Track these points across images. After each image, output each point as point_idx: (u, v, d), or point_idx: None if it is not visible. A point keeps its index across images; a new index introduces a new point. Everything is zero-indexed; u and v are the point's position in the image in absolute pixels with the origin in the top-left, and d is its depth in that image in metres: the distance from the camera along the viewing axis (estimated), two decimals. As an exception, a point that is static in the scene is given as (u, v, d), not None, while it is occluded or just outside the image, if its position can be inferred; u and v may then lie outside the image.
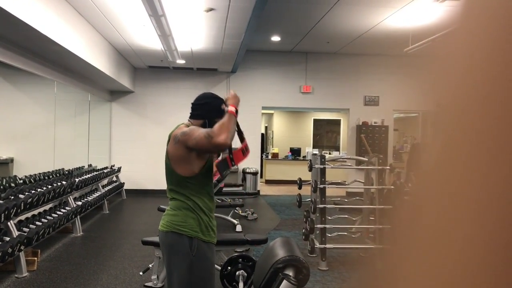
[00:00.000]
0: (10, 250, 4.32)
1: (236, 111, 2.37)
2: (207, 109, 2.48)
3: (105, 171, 9.40)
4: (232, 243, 4.64)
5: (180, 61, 9.64)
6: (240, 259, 2.91)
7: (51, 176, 7.12)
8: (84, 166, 9.38)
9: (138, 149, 11.37)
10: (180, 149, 2.32)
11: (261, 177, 14.39)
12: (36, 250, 5.29)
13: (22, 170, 8.93)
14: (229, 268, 2.91)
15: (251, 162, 11.51)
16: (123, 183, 10.67)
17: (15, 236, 4.56)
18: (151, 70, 11.44)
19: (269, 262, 2.41)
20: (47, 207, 6.03)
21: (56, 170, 7.85)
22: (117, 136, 11.50)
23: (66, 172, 7.87)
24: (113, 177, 10.35)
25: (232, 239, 4.68)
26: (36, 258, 5.07)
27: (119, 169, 10.67)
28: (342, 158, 7.50)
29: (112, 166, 10.57)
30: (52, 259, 5.40)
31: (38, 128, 10.24)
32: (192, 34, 7.66)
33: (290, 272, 2.32)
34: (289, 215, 8.88)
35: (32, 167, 8.47)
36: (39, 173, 7.18)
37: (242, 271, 2.86)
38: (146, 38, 8.00)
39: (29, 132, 10.24)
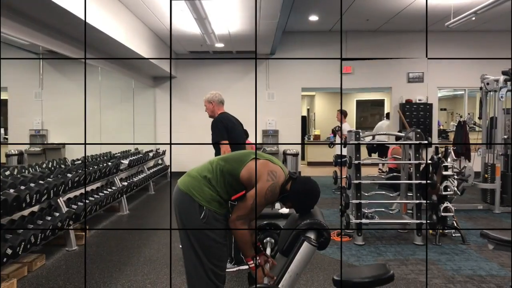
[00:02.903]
0: (59, 224, 4.63)
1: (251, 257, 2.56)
2: (295, 199, 2.58)
3: (150, 154, 9.74)
4: (267, 217, 4.76)
5: (219, 45, 9.78)
6: (268, 227, 3.01)
7: (98, 159, 7.47)
8: (130, 150, 9.75)
9: (181, 133, 11.66)
10: (253, 178, 2.49)
11: (303, 159, 14.42)
12: (85, 226, 5.62)
13: (73, 154, 9.40)
14: (258, 235, 3.02)
15: (291, 144, 11.58)
16: (168, 165, 11.01)
17: (64, 212, 4.87)
18: (192, 55, 11.65)
19: (292, 226, 2.51)
20: (94, 186, 6.37)
21: (103, 153, 8.23)
22: (161, 121, 11.85)
23: (113, 155, 8.23)
24: (158, 160, 10.71)
25: (268, 214, 4.80)
26: (84, 233, 5.40)
27: (163, 152, 11.02)
28: (379, 134, 7.42)
29: (157, 149, 10.93)
30: (99, 235, 5.72)
31: (86, 115, 10.69)
32: (228, 16, 7.75)
33: (311, 235, 2.40)
34: (329, 194, 8.92)
35: (82, 152, 8.88)
36: (87, 156, 7.55)
37: (269, 238, 2.97)
38: (184, 23, 8.17)
39: (77, 119, 10.72)
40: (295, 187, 2.56)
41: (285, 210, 4.72)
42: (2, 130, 10.73)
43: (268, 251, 2.82)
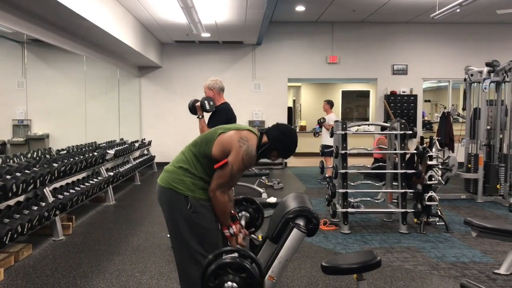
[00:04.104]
0: (46, 214, 4.60)
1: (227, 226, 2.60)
2: (277, 144, 2.60)
3: (136, 144, 9.69)
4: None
5: (205, 34, 9.73)
6: (244, 202, 3.06)
7: (83, 149, 7.41)
8: (115, 140, 9.69)
9: (167, 123, 11.63)
10: (225, 151, 2.50)
11: (289, 149, 14.45)
12: (71, 216, 5.59)
13: (57, 144, 9.31)
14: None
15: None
16: (154, 156, 10.97)
17: (50, 201, 4.84)
18: (177, 44, 11.58)
19: (281, 213, 2.53)
20: (80, 176, 6.32)
21: (88, 143, 8.16)
22: (146, 111, 11.79)
23: (98, 145, 8.17)
24: (144, 150, 10.66)
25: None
26: (71, 223, 5.37)
27: (149, 143, 10.97)
28: (364, 124, 7.49)
29: (143, 140, 10.88)
30: (86, 225, 5.70)
31: (70, 105, 10.59)
32: (215, 5, 7.71)
33: (300, 222, 2.43)
34: (315, 184, 8.99)
35: (66, 142, 8.80)
36: (73, 146, 7.49)
37: (245, 212, 3.03)
38: (170, 12, 8.12)
39: (62, 108, 10.61)
40: (271, 135, 2.60)
41: (273, 199, 4.77)
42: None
43: (242, 223, 2.88)
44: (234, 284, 2.03)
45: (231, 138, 2.51)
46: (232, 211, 2.70)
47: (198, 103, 4.21)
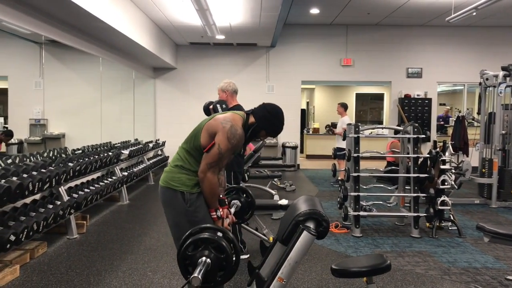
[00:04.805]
0: (61, 212, 4.68)
1: (215, 209, 2.65)
2: (264, 124, 2.67)
3: (150, 144, 9.79)
4: (266, 207, 4.83)
5: (220, 37, 9.80)
6: (240, 192, 3.12)
7: (98, 149, 7.51)
8: (130, 140, 9.80)
9: (181, 124, 11.69)
10: (212, 136, 2.57)
11: (302, 152, 14.47)
12: (86, 215, 5.68)
13: (72, 144, 9.46)
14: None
15: (290, 137, 11.63)
16: (168, 156, 11.06)
17: (65, 200, 4.92)
18: (192, 46, 11.67)
19: (292, 215, 2.56)
20: (95, 176, 6.41)
21: (103, 143, 8.27)
22: (161, 112, 11.89)
23: (113, 145, 8.28)
24: (158, 150, 10.76)
25: (266, 204, 4.87)
26: (85, 222, 5.46)
27: (163, 143, 11.07)
28: (377, 127, 7.47)
29: (157, 140, 10.98)
30: (100, 224, 5.78)
31: (86, 105, 10.75)
32: (229, 7, 7.77)
33: (310, 225, 2.44)
34: (328, 187, 8.98)
35: (81, 142, 8.93)
36: (88, 146, 7.60)
37: (237, 201, 3.08)
38: (185, 14, 8.20)
39: (78, 108, 10.77)
40: (258, 115, 2.66)
41: (284, 201, 4.78)
42: (2, 119, 10.77)
43: (232, 210, 2.92)
44: (208, 260, 2.03)
45: (215, 122, 2.59)
46: (221, 196, 2.75)
47: (212, 106, 4.27)
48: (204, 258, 2.01)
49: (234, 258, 2.07)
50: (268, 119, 2.66)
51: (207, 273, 1.97)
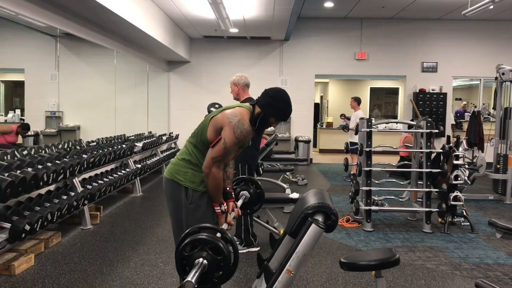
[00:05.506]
0: (75, 203, 4.76)
1: (219, 204, 2.63)
2: (271, 110, 2.64)
3: (163, 137, 9.86)
4: (277, 201, 4.85)
5: (233, 30, 9.80)
6: (250, 183, 3.12)
7: (112, 141, 7.59)
8: (144, 133, 9.88)
9: (194, 117, 11.62)
10: (218, 131, 2.56)
11: (315, 146, 14.43)
12: (99, 206, 5.76)
13: (87, 136, 9.58)
14: (235, 188, 3.12)
15: (303, 131, 11.61)
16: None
17: (79, 191, 5.00)
18: (206, 40, 11.68)
19: (301, 209, 2.57)
20: (108, 167, 6.49)
21: (117, 136, 8.36)
22: (174, 105, 11.94)
23: (127, 137, 8.35)
24: (171, 143, 10.84)
25: (277, 198, 4.88)
26: (99, 213, 5.54)
27: (177, 136, 11.14)
28: (390, 122, 7.43)
29: (170, 133, 11.05)
30: (113, 215, 5.86)
31: (101, 97, 10.87)
32: (243, 1, 7.76)
33: (319, 218, 2.45)
34: (340, 181, 8.96)
35: (96, 134, 9.04)
36: (102, 138, 7.69)
37: (246, 192, 3.08)
38: (199, 7, 8.21)
39: (93, 101, 10.89)
40: (261, 103, 2.64)
41: (295, 195, 4.79)
42: (19, 112, 10.93)
43: (239, 203, 2.92)
44: (205, 262, 2.02)
45: (222, 117, 2.56)
46: (228, 188, 2.75)
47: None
48: (200, 260, 1.98)
49: (232, 259, 2.04)
50: (272, 104, 2.63)
51: (204, 275, 1.95)
